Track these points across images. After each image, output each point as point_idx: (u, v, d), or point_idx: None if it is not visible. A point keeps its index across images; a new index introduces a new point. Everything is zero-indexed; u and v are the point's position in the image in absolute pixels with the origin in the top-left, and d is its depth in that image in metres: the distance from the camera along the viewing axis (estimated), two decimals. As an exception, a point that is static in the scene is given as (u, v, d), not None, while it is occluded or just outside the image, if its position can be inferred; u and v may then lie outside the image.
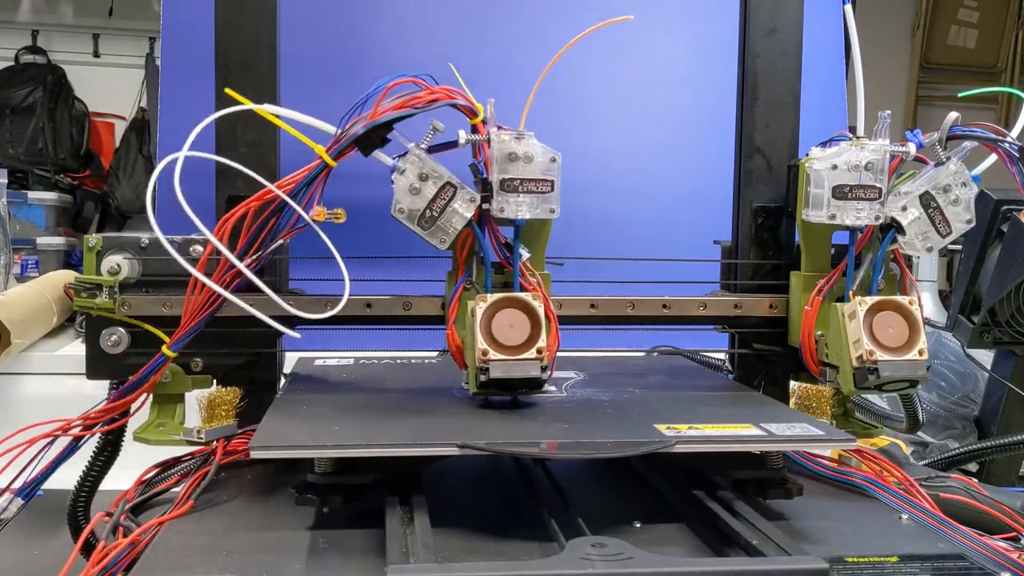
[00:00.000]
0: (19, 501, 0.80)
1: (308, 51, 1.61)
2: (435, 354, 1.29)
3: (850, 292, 0.84)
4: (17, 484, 0.81)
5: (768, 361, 0.96)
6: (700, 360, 1.16)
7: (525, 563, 0.57)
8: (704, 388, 0.91)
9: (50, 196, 3.36)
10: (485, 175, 0.78)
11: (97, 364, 0.84)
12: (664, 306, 0.92)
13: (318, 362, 1.00)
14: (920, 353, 0.79)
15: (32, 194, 3.32)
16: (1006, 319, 1.23)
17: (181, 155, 0.74)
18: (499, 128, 0.78)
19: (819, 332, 0.86)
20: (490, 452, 0.64)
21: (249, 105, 0.78)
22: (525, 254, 0.81)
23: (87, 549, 0.69)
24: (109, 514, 0.73)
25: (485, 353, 0.76)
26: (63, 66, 3.66)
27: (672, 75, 1.73)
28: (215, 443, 0.81)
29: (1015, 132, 0.82)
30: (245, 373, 0.88)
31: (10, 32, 3.79)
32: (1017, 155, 0.80)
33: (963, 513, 0.79)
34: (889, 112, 0.83)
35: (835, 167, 0.82)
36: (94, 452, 0.85)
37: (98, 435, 0.84)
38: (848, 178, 0.81)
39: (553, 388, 0.84)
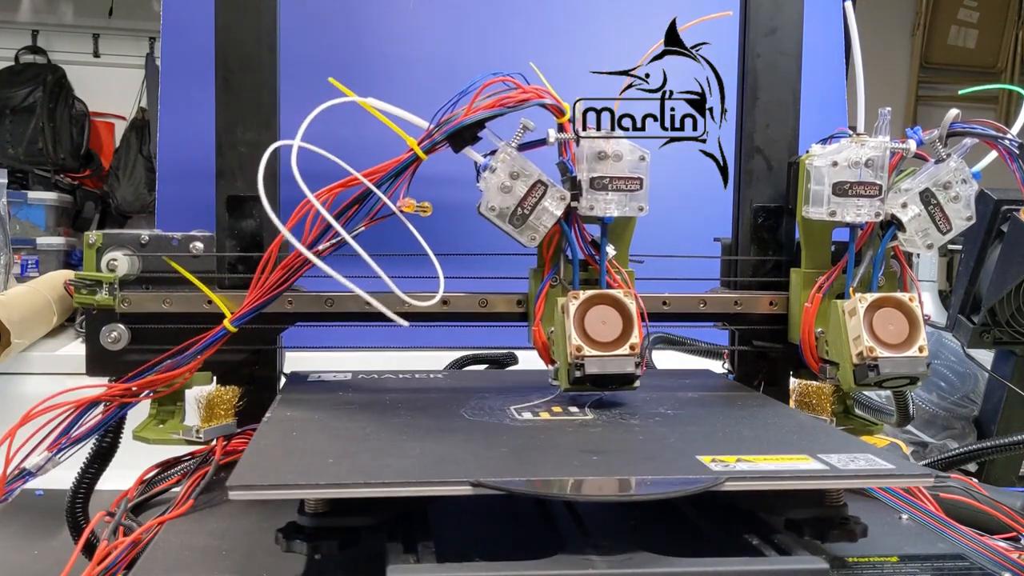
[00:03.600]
0: (55, 459, 0.78)
1: (308, 51, 1.61)
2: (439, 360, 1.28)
3: (850, 289, 0.84)
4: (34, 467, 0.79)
5: (768, 358, 0.96)
6: (696, 346, 1.16)
7: (525, 563, 0.56)
8: (742, 408, 0.83)
9: (50, 196, 3.36)
10: (574, 173, 0.79)
11: (97, 361, 0.84)
12: (664, 303, 0.92)
13: (312, 377, 0.94)
14: (920, 350, 0.79)
15: (32, 194, 3.32)
16: (1006, 319, 1.23)
17: (295, 143, 0.76)
18: (586, 127, 0.79)
19: (819, 329, 0.86)
20: (508, 492, 0.57)
21: (353, 98, 0.79)
22: (611, 251, 0.82)
23: (88, 549, 0.69)
24: (111, 514, 0.73)
25: (579, 349, 0.76)
26: (63, 66, 3.66)
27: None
28: (215, 442, 0.81)
29: (1015, 129, 0.82)
30: (245, 371, 0.88)
31: (10, 32, 3.79)
32: (1017, 152, 0.80)
33: (963, 513, 0.79)
34: (889, 109, 0.83)
35: (835, 164, 0.82)
36: (93, 449, 0.85)
37: (96, 433, 0.83)
38: (848, 175, 0.82)
39: (575, 408, 0.80)
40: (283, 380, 0.94)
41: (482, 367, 1.25)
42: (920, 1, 5.29)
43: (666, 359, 1.31)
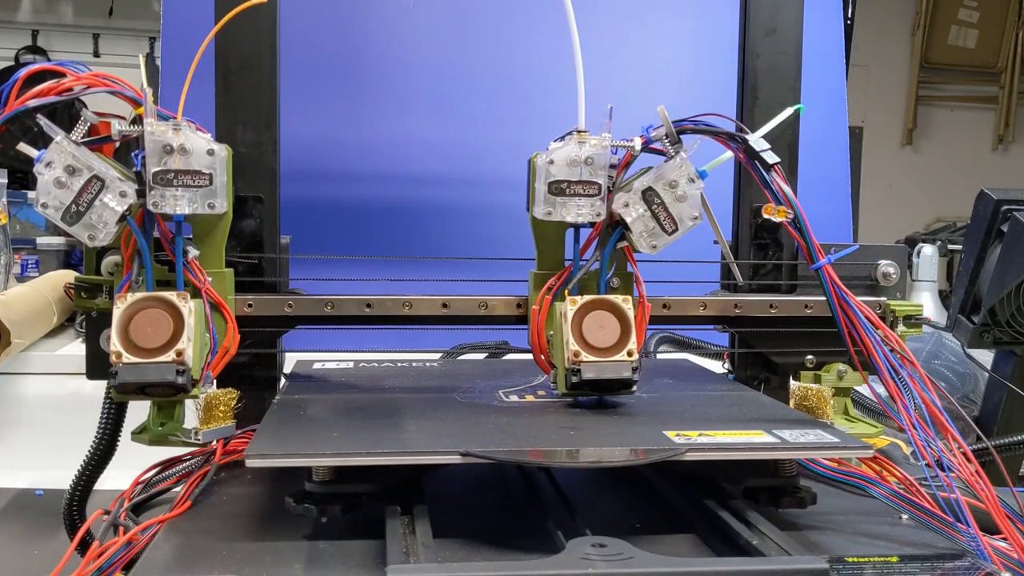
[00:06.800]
0: None
1: (308, 51, 1.61)
2: (437, 356, 1.29)
3: (565, 291, 0.81)
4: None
5: (768, 361, 0.96)
6: (697, 344, 1.16)
7: (525, 563, 0.57)
8: (712, 392, 0.88)
9: (50, 196, 3.36)
10: (138, 167, 0.74)
11: (97, 364, 0.83)
12: (664, 306, 0.91)
13: (317, 365, 0.98)
14: (629, 354, 0.77)
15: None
16: (1006, 319, 1.23)
17: None
18: (158, 119, 0.75)
19: (550, 332, 0.82)
20: (493, 460, 0.62)
21: None
22: (193, 252, 0.79)
23: (84, 548, 0.69)
24: (108, 512, 0.73)
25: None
26: (63, 66, 3.66)
27: (672, 74, 1.73)
28: (215, 443, 0.81)
29: (762, 131, 0.79)
30: (245, 372, 0.88)
31: (10, 32, 3.80)
32: (745, 149, 0.77)
33: (963, 513, 0.79)
34: (611, 106, 0.79)
35: (552, 162, 0.78)
36: (90, 449, 0.85)
37: (95, 431, 0.83)
38: (567, 173, 0.78)
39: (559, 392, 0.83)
40: (283, 381, 0.94)
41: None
42: (920, 1, 5.29)
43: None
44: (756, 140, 0.77)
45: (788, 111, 0.83)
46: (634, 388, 0.79)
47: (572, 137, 0.79)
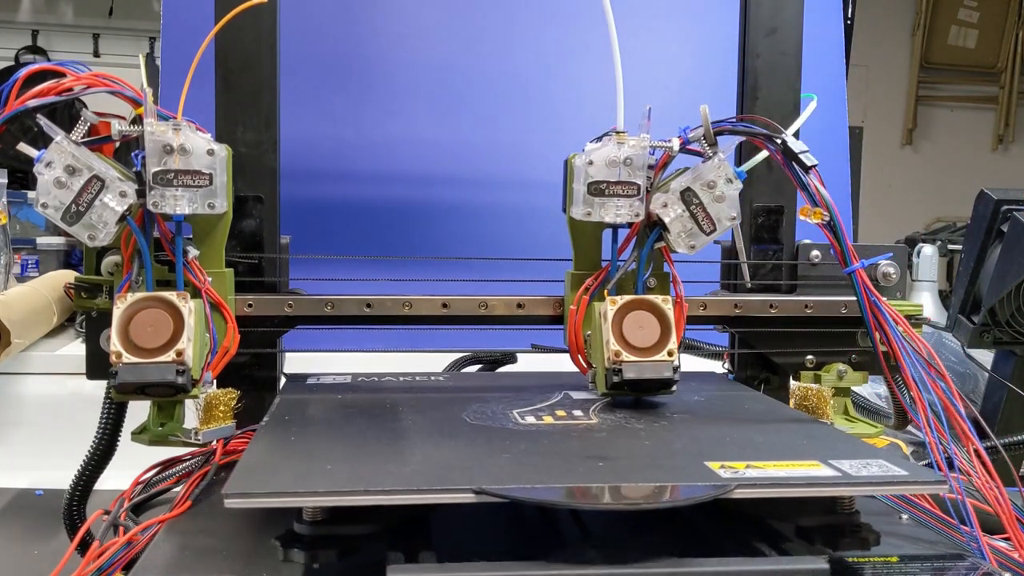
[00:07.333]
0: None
1: (308, 51, 1.61)
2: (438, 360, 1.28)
3: (604, 291, 0.81)
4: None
5: (768, 361, 0.96)
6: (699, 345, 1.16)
7: (525, 563, 0.55)
8: (751, 412, 0.82)
9: (50, 196, 3.35)
10: (138, 167, 0.74)
11: (97, 364, 0.83)
12: (664, 306, 0.91)
13: (311, 380, 0.93)
14: (669, 354, 0.77)
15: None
16: (1006, 319, 1.23)
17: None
18: (158, 119, 0.75)
19: (588, 332, 0.83)
20: (513, 500, 0.55)
21: None
22: (193, 252, 0.79)
23: (84, 548, 0.69)
24: (108, 512, 0.73)
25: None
26: (63, 66, 3.66)
27: (672, 74, 1.73)
28: (215, 443, 0.81)
29: (793, 128, 0.79)
30: (245, 372, 0.88)
31: (10, 32, 3.79)
32: (796, 151, 0.77)
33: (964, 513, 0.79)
34: (650, 107, 0.79)
35: (592, 163, 0.79)
36: (90, 449, 0.85)
37: (95, 431, 0.83)
38: (606, 174, 0.78)
39: (579, 412, 0.78)
40: (283, 381, 0.94)
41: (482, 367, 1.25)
42: (920, 1, 5.29)
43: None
44: (795, 142, 0.78)
45: (811, 105, 0.84)
46: (674, 388, 0.78)
47: (610, 138, 0.79)
